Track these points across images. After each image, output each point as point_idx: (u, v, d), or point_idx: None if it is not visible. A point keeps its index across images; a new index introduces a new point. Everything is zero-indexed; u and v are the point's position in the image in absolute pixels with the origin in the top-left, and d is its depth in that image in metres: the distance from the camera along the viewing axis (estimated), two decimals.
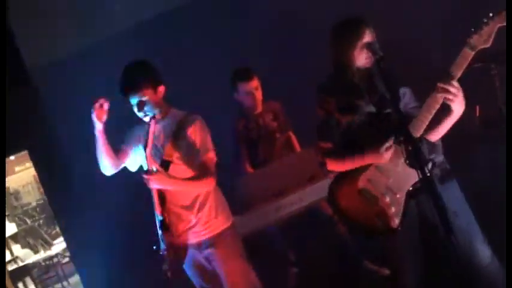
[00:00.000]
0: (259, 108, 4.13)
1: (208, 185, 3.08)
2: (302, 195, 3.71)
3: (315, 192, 3.64)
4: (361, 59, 2.68)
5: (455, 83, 2.49)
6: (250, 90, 4.06)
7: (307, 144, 3.90)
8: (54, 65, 4.70)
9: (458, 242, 2.31)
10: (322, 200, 3.57)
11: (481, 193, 3.25)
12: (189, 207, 3.07)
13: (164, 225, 3.00)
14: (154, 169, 2.93)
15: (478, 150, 3.96)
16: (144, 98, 2.98)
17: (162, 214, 3.01)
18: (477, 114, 3.91)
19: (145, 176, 2.91)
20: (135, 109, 3.03)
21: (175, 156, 3.04)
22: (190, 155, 3.05)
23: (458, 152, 3.02)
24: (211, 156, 3.08)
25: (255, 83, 4.08)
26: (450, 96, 2.50)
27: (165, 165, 3.03)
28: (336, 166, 2.82)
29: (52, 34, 4.54)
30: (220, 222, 3.11)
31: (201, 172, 3.04)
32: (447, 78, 2.49)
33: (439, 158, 2.73)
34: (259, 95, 4.11)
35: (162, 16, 4.89)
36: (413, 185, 2.59)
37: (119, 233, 4.39)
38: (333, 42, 2.77)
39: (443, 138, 2.72)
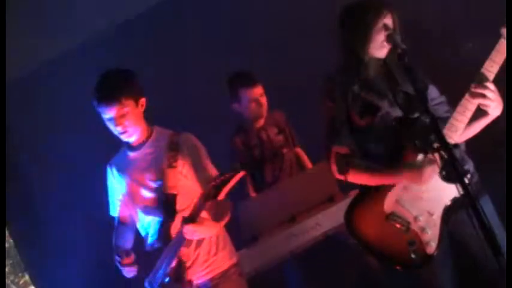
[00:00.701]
0: (263, 121, 4.05)
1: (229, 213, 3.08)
2: (320, 220, 3.59)
3: (336, 216, 3.44)
4: (377, 42, 2.56)
5: (491, 85, 2.40)
6: (255, 97, 3.98)
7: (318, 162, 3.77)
8: (20, 80, 4.68)
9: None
10: None
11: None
12: (185, 244, 2.98)
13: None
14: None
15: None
16: (125, 110, 2.92)
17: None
18: None
19: (188, 227, 2.85)
20: (112, 124, 2.95)
21: (180, 185, 2.99)
22: (194, 179, 3.03)
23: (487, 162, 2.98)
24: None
25: (259, 89, 3.99)
26: (487, 102, 2.43)
27: (172, 200, 2.99)
28: (359, 178, 2.68)
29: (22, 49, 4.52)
30: (222, 260, 3.07)
31: None
32: (482, 80, 2.40)
33: (471, 167, 2.67)
34: (264, 103, 4.03)
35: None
36: (452, 200, 2.50)
37: (98, 279, 4.32)
38: (346, 22, 2.65)
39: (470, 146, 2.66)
